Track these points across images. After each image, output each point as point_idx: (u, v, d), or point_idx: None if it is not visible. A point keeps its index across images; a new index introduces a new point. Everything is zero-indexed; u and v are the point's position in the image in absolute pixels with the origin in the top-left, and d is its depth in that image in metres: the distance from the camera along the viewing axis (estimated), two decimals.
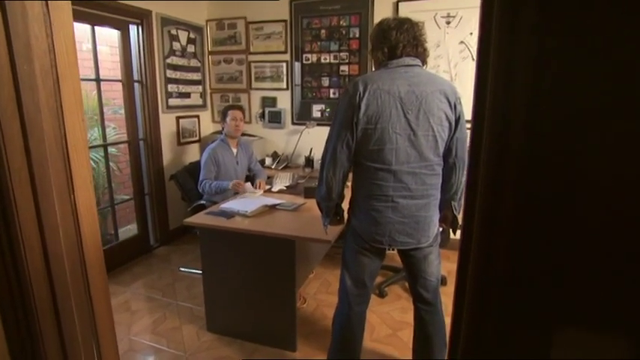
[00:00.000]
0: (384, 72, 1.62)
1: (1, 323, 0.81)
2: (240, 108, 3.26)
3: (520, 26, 0.46)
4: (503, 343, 0.51)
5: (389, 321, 2.58)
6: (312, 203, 2.60)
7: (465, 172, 1.69)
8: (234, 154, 3.21)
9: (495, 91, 0.46)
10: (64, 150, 0.84)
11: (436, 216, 1.72)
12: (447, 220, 1.81)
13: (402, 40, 1.60)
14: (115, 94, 3.88)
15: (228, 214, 2.34)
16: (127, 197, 3.78)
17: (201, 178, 3.03)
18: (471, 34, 3.27)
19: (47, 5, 0.77)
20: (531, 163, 0.46)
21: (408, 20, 1.64)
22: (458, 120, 1.63)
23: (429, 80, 1.60)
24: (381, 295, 2.86)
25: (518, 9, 0.45)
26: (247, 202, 2.50)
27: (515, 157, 0.46)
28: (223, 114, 3.16)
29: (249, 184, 2.96)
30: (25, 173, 0.77)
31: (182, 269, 3.33)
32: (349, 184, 1.75)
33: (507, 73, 0.45)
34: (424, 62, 1.68)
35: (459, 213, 1.78)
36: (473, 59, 3.30)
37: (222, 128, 3.22)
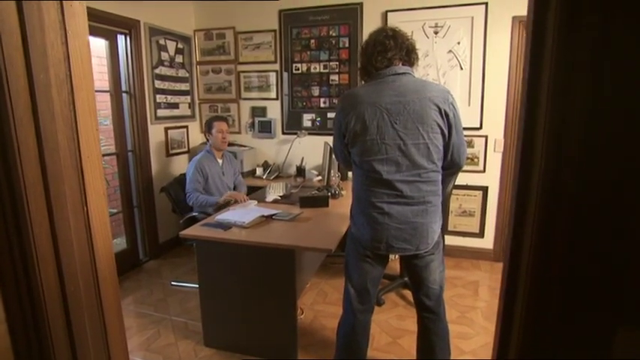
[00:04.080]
0: (371, 84, 1.66)
1: (10, 344, 0.77)
2: (225, 119, 3.24)
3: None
4: (561, 345, 0.50)
5: (388, 329, 2.57)
6: (308, 213, 2.60)
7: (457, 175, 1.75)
8: (220, 164, 3.19)
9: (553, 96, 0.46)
10: (77, 161, 0.81)
11: (436, 223, 1.69)
12: None
13: (390, 50, 1.62)
14: (100, 105, 3.79)
15: (225, 226, 2.30)
16: (115, 210, 3.68)
17: (188, 189, 2.99)
18: (459, 43, 3.34)
19: (63, 13, 0.75)
20: (590, 158, 0.47)
21: (393, 29, 1.67)
22: (450, 126, 1.61)
23: (417, 88, 1.59)
24: (379, 303, 2.84)
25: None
26: (243, 213, 2.46)
27: (573, 155, 0.47)
28: (208, 126, 3.12)
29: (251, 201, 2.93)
30: (40, 186, 0.74)
31: (174, 283, 3.25)
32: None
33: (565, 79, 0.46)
34: (412, 65, 1.69)
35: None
36: (461, 68, 3.38)
37: (207, 140, 3.19)
